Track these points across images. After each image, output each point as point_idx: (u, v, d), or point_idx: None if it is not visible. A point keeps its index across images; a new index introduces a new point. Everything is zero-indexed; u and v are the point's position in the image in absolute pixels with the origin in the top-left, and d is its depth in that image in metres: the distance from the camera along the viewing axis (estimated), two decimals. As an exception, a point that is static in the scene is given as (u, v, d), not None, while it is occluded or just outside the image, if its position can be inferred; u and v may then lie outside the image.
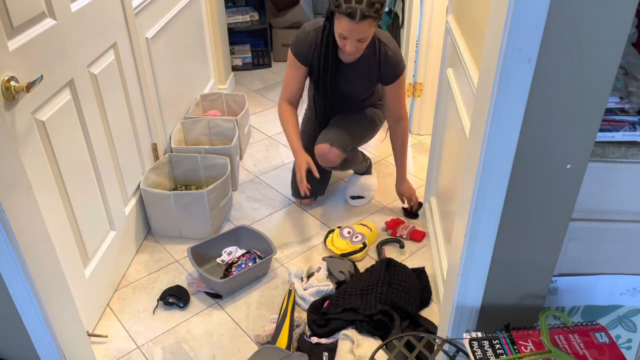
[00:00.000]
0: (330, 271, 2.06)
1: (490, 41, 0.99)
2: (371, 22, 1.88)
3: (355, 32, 1.89)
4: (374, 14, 1.85)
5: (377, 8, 1.86)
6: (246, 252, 2.14)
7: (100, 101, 1.85)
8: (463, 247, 1.17)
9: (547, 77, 0.94)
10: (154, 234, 2.32)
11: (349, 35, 1.91)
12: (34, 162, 1.47)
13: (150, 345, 1.82)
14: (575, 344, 1.09)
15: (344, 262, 2.09)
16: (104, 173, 1.89)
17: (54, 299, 1.40)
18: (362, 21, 1.85)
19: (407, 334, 1.22)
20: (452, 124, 1.87)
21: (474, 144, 1.10)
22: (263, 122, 3.26)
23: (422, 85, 2.90)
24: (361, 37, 1.91)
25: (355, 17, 1.84)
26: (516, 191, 1.07)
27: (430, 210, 2.26)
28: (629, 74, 1.15)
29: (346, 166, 2.38)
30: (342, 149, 2.19)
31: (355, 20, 1.85)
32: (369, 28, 1.89)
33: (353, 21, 1.85)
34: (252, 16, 3.89)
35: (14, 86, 1.32)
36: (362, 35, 1.90)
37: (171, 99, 2.57)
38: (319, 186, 2.43)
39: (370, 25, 1.89)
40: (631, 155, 1.13)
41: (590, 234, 1.27)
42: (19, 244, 1.23)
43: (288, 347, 1.76)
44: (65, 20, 1.59)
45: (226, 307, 1.97)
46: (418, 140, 3.05)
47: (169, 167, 2.42)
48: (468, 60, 1.60)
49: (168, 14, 2.53)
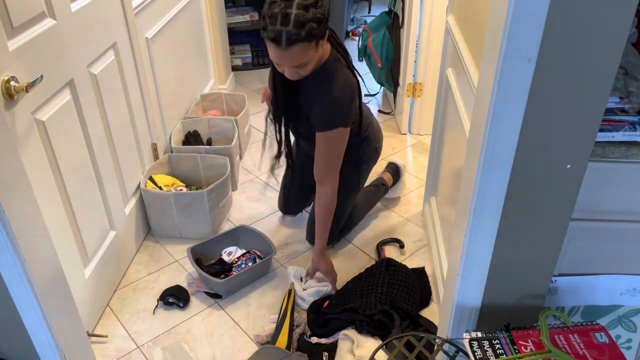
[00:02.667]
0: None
1: (490, 41, 0.99)
2: (305, 46, 1.54)
3: (286, 59, 1.57)
4: (306, 35, 1.51)
5: (312, 28, 1.51)
6: (246, 252, 2.14)
7: (100, 101, 1.84)
8: (463, 247, 1.17)
9: (547, 77, 0.94)
10: (154, 234, 2.32)
11: (281, 63, 1.60)
12: (34, 162, 1.47)
13: (150, 345, 1.82)
14: (575, 344, 1.09)
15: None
16: (104, 173, 1.89)
17: (54, 299, 1.40)
18: (290, 47, 1.52)
19: (407, 334, 1.22)
20: (452, 124, 1.87)
21: (474, 144, 1.10)
22: (263, 122, 3.25)
23: (422, 85, 2.90)
24: (298, 63, 1.59)
25: (282, 43, 1.52)
26: (516, 191, 1.07)
27: (430, 211, 2.25)
28: (629, 74, 1.15)
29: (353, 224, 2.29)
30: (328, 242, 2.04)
31: (282, 47, 1.52)
32: (304, 53, 1.55)
33: (279, 47, 1.53)
34: (252, 16, 3.89)
35: (14, 86, 1.32)
36: (295, 62, 1.58)
37: (171, 99, 2.57)
38: (303, 202, 2.38)
39: (305, 49, 1.55)
40: (631, 155, 1.14)
41: (590, 234, 1.27)
42: (19, 244, 1.23)
43: (288, 347, 1.76)
44: (65, 20, 1.59)
45: (226, 307, 1.97)
46: (418, 140, 3.05)
47: (169, 167, 2.42)
48: (468, 60, 1.60)
49: (168, 14, 2.53)
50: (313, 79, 1.73)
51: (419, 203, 2.51)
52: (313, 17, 1.51)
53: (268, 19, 1.53)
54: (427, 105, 2.96)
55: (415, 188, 2.62)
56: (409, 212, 2.46)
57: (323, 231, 1.96)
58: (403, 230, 2.35)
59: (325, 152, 1.82)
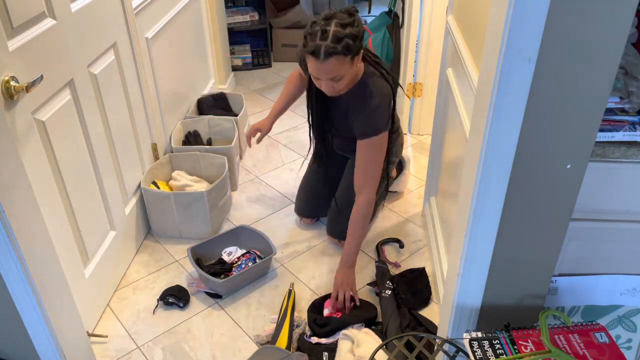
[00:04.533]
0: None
1: (490, 41, 0.99)
2: (341, 60, 1.67)
3: (323, 71, 1.70)
4: (342, 49, 1.65)
5: (347, 44, 1.65)
6: (246, 252, 2.14)
7: (100, 101, 1.85)
8: (463, 247, 1.17)
9: (547, 77, 0.94)
10: (154, 234, 2.32)
11: (319, 75, 1.73)
12: (34, 162, 1.47)
13: (150, 345, 1.82)
14: (575, 344, 1.09)
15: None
16: (104, 173, 1.89)
17: (54, 299, 1.40)
18: (327, 59, 1.66)
19: (407, 334, 1.22)
20: (452, 124, 1.87)
21: (474, 144, 1.10)
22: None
23: (422, 85, 2.90)
24: (332, 77, 1.72)
25: (320, 56, 1.66)
26: (516, 191, 1.07)
27: (430, 211, 2.25)
28: (629, 74, 1.15)
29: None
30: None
31: (320, 59, 1.66)
32: (340, 66, 1.69)
33: (318, 60, 1.67)
34: (252, 16, 3.89)
35: (14, 86, 1.32)
36: (331, 75, 1.71)
37: (171, 98, 2.57)
38: (321, 208, 2.34)
39: (341, 63, 1.68)
40: (631, 155, 1.14)
41: (590, 234, 1.27)
42: (19, 244, 1.23)
43: (288, 347, 1.76)
44: (65, 20, 1.59)
45: (226, 307, 1.97)
46: (418, 140, 3.05)
47: (169, 167, 2.42)
48: (468, 60, 1.60)
49: (168, 14, 2.53)
50: (352, 94, 1.87)
51: (419, 203, 2.51)
52: (349, 34, 1.66)
53: (309, 36, 1.68)
54: (427, 105, 2.96)
55: (415, 188, 2.62)
56: (409, 212, 2.46)
57: (357, 240, 1.94)
58: (403, 230, 2.35)
59: (366, 159, 1.90)
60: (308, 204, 2.35)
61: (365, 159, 1.90)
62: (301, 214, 2.38)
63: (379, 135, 1.86)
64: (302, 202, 2.36)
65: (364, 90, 1.86)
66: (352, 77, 1.79)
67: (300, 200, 2.37)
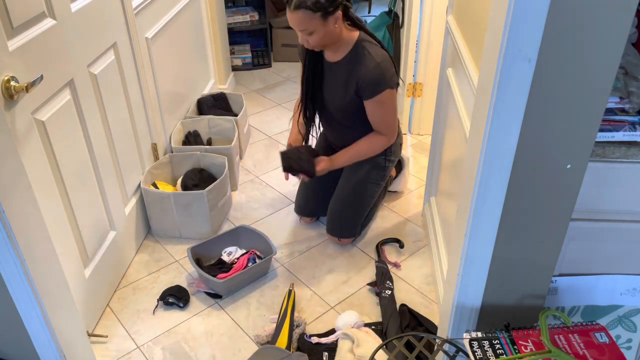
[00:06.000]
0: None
1: (490, 41, 0.99)
2: (309, 15, 1.78)
3: (292, 22, 1.82)
4: (311, 4, 1.75)
5: (317, 1, 1.75)
6: (246, 252, 2.14)
7: (100, 101, 1.85)
8: (463, 247, 1.17)
9: (547, 77, 0.94)
10: (154, 234, 2.32)
11: (292, 25, 1.85)
12: (34, 162, 1.47)
13: (150, 345, 1.82)
14: (575, 344, 1.09)
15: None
16: (104, 173, 1.89)
17: (54, 299, 1.40)
18: (296, 11, 1.78)
19: (407, 334, 1.22)
20: (452, 124, 1.87)
21: (474, 144, 1.10)
22: (263, 122, 3.26)
23: (422, 85, 2.90)
24: (302, 29, 1.82)
25: (290, 6, 1.79)
26: (516, 191, 1.07)
27: (430, 211, 2.25)
28: (629, 74, 1.15)
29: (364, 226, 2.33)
30: (351, 235, 2.23)
31: (290, 9, 1.79)
32: (308, 20, 1.79)
33: (289, 10, 1.80)
34: (252, 16, 3.89)
35: (14, 86, 1.32)
36: (300, 27, 1.82)
37: (171, 99, 2.57)
38: (320, 207, 2.34)
39: (310, 18, 1.78)
40: (631, 155, 1.14)
41: (590, 234, 1.27)
42: (19, 244, 1.23)
43: (288, 347, 1.76)
44: (65, 20, 1.59)
45: (226, 307, 1.97)
46: (418, 140, 3.05)
47: (169, 167, 2.42)
48: (468, 60, 1.60)
49: (168, 14, 2.53)
50: (350, 60, 1.96)
51: (419, 203, 2.51)
52: None
53: None
54: (427, 105, 2.95)
55: (415, 188, 2.62)
56: (409, 212, 2.46)
57: (352, 157, 2.13)
58: (403, 230, 2.35)
59: (379, 116, 2.03)
60: (308, 203, 2.35)
61: (379, 116, 2.02)
62: (301, 213, 2.39)
63: (383, 93, 1.93)
64: (302, 201, 2.36)
65: (362, 52, 1.94)
66: (329, 36, 1.87)
67: (300, 200, 2.38)
